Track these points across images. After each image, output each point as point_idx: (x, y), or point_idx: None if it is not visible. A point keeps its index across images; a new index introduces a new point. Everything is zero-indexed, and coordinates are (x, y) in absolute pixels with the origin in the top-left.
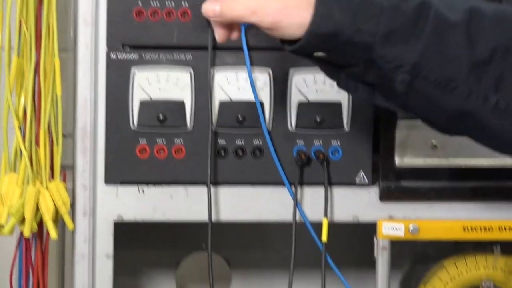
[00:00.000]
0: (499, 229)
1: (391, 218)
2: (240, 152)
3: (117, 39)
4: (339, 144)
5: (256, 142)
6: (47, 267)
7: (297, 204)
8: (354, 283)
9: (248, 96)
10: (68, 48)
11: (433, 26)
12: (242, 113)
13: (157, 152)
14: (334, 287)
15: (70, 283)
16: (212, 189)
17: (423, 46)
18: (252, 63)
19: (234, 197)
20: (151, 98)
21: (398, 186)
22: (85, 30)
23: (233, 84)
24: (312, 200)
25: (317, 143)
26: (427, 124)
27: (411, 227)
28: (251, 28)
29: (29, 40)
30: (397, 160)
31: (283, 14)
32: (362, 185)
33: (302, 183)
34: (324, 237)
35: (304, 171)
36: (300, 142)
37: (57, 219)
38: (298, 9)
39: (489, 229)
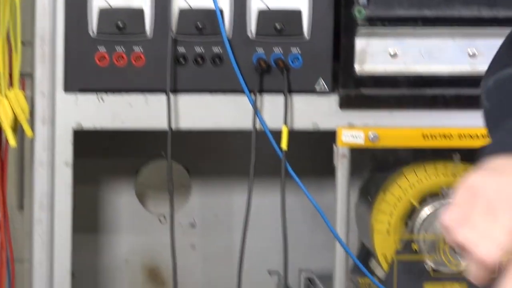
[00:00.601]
0: (459, 136)
1: (350, 126)
2: (199, 60)
3: None
4: (299, 51)
5: (216, 50)
6: (6, 175)
7: (256, 112)
8: (314, 191)
9: (208, 3)
10: None
11: None
12: (202, 21)
13: (116, 60)
14: (293, 195)
15: (29, 191)
16: (172, 97)
17: None
18: None
19: (194, 105)
20: (110, 6)
21: (358, 93)
22: None
23: None
24: (272, 108)
25: (277, 50)
26: None
27: (370, 134)
28: None
29: None
30: (357, 68)
31: None
32: (322, 93)
33: (261, 91)
34: (284, 145)
35: (264, 79)
36: (260, 50)
37: (16, 127)
38: None
39: (448, 137)
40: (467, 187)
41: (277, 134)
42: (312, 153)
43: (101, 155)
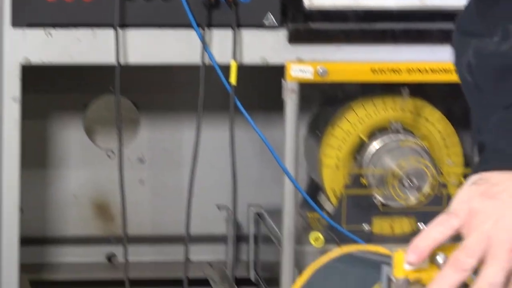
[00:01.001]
0: (408, 71)
1: (299, 61)
2: None
3: None
4: None
5: None
6: None
7: (205, 46)
8: (262, 126)
9: None
10: None
11: None
12: None
13: None
14: (242, 130)
15: None
16: (120, 32)
17: None
18: None
19: (142, 40)
20: None
21: (307, 28)
22: None
23: None
24: (221, 42)
25: None
26: None
27: (319, 69)
28: None
29: None
30: (306, 2)
31: None
32: (270, 27)
33: (210, 25)
34: (233, 80)
35: (212, 13)
36: None
37: None
38: None
39: (397, 71)
40: (466, 209)
41: (226, 69)
42: (261, 88)
43: (49, 90)
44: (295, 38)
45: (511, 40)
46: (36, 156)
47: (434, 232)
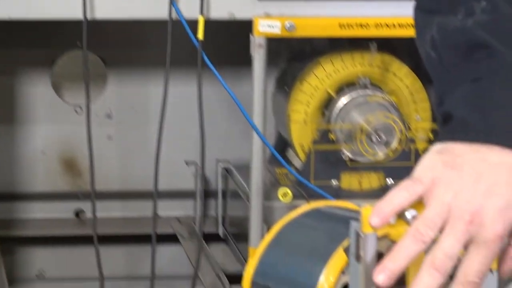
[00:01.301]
0: (376, 26)
1: (267, 15)
2: None
3: None
4: None
5: None
6: None
7: (172, 1)
8: (230, 81)
9: None
10: None
11: None
12: None
13: None
14: (210, 85)
15: None
16: None
17: None
18: None
19: None
20: None
21: None
22: None
23: None
24: None
25: None
26: None
27: (287, 24)
28: None
29: None
30: None
31: None
32: None
33: None
34: (200, 35)
35: None
36: None
37: None
38: None
39: (365, 26)
40: (430, 176)
41: (193, 24)
42: (229, 43)
43: (16, 46)
44: None
45: (475, 16)
46: (3, 112)
47: (398, 197)
